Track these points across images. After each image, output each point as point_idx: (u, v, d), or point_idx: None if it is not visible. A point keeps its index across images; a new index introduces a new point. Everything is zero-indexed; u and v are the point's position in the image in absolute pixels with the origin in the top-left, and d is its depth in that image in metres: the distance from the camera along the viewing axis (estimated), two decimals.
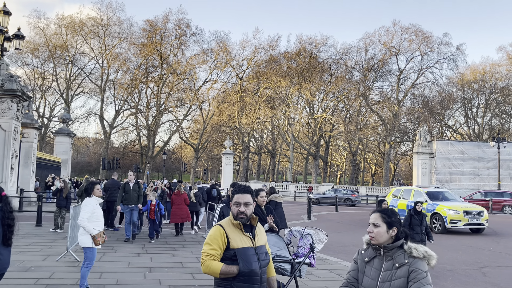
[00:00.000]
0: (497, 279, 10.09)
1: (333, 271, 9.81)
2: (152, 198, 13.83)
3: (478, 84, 72.44)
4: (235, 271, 3.58)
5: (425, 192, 20.35)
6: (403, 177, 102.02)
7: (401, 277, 3.11)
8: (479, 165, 52.05)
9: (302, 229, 6.93)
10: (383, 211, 3.35)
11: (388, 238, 3.23)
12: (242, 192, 3.74)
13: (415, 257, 3.12)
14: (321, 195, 41.63)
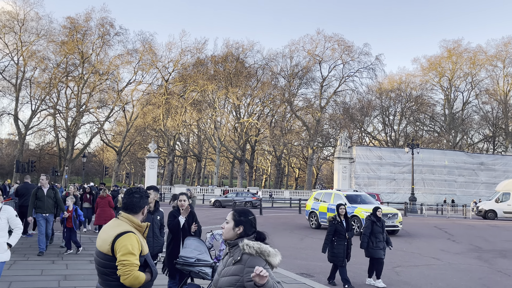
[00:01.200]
0: (408, 277, 10.65)
1: None
2: (70, 203, 12.49)
3: (395, 93, 76.52)
4: (149, 278, 3.51)
5: (345, 196, 21.10)
6: (325, 181, 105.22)
7: (233, 275, 3.06)
8: (395, 170, 54.90)
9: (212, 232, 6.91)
10: (236, 210, 3.37)
11: (233, 235, 3.24)
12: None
13: (249, 254, 3.04)
14: (223, 198, 42.12)
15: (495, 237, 20.71)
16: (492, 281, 10.58)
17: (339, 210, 9.77)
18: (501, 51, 75.47)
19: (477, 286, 10.00)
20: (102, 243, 3.53)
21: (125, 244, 3.43)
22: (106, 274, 3.51)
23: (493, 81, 78.03)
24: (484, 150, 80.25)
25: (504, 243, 18.33)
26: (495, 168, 59.30)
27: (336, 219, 9.62)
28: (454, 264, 12.84)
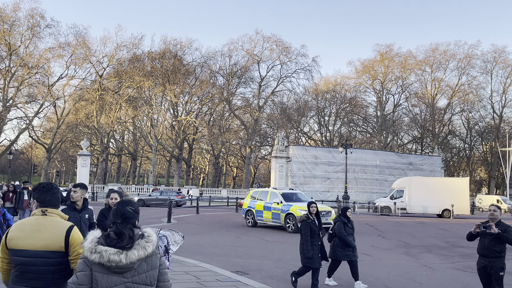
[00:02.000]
0: (340, 273, 10.89)
1: (190, 273, 9.71)
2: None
3: (330, 94, 78.56)
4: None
5: (281, 194, 21.34)
6: (262, 179, 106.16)
7: None
8: (329, 169, 56.34)
9: (157, 231, 6.73)
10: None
11: None
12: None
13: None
14: (147, 197, 41.54)
15: (421, 233, 21.74)
16: (418, 274, 11.06)
17: (311, 209, 9.05)
18: (429, 57, 79.51)
19: (404, 279, 10.40)
20: (50, 242, 3.36)
21: (79, 236, 3.44)
22: (55, 273, 3.38)
23: (421, 85, 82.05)
24: (413, 151, 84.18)
25: (430, 238, 19.27)
26: (423, 168, 62.37)
27: (309, 218, 8.89)
28: (384, 259, 13.31)
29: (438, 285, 9.96)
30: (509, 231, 6.83)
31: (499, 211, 7.08)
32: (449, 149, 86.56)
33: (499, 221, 6.99)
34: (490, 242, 6.94)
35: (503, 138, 72.29)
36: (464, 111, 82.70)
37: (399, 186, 37.93)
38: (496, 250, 6.91)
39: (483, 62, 79.32)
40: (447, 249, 15.97)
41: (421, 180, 40.15)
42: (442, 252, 15.02)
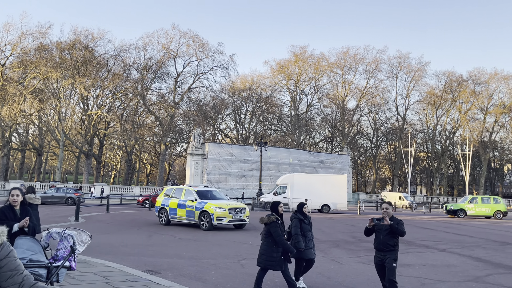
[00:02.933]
0: (253, 269, 11.00)
1: (98, 274, 9.31)
2: None
3: (247, 92, 79.37)
4: None
5: (195, 191, 21.16)
6: (177, 177, 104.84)
7: None
8: (245, 167, 56.91)
9: (63, 231, 6.38)
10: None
11: None
12: None
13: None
14: (42, 194, 39.71)
15: (330, 228, 22.62)
16: (326, 269, 11.47)
17: (279, 209, 8.45)
18: (340, 60, 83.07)
19: (313, 274, 10.72)
20: None
21: None
22: None
23: (333, 87, 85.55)
24: (324, 150, 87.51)
25: (338, 234, 20.10)
26: (333, 166, 65.03)
27: (279, 219, 8.30)
28: None
29: (345, 279, 10.38)
30: (401, 224, 7.32)
31: (391, 208, 7.51)
32: (357, 148, 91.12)
33: (392, 217, 7.41)
34: (385, 237, 7.35)
35: (406, 139, 77.30)
36: (372, 113, 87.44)
37: (283, 182, 39.22)
38: (390, 244, 7.34)
39: (389, 66, 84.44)
40: (354, 244, 16.74)
41: (303, 176, 41.71)
42: (349, 247, 15.71)
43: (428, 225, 27.23)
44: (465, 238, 19.72)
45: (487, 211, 37.71)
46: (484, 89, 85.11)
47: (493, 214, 37.43)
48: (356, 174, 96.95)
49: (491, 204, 38.22)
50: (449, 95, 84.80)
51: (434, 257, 13.88)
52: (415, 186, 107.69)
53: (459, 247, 16.43)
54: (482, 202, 38.30)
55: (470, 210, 37.69)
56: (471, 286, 9.80)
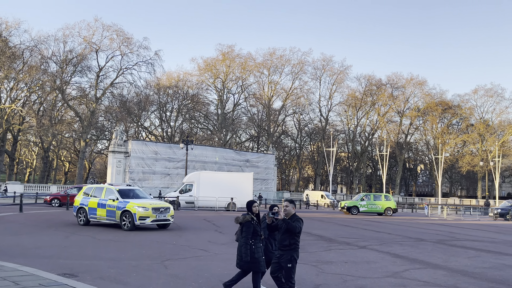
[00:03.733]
0: (177, 270, 10.72)
1: (8, 279, 8.58)
2: None
3: (173, 90, 78.05)
4: None
5: (117, 190, 20.36)
6: (98, 175, 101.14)
7: None
8: (170, 165, 55.92)
9: None
10: None
11: None
12: None
13: None
14: None
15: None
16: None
17: (253, 209, 8.07)
18: (267, 60, 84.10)
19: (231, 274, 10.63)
20: None
21: None
22: None
23: (260, 87, 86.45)
24: (250, 149, 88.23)
25: None
26: (258, 165, 65.71)
27: (253, 219, 7.94)
28: (220, 254, 13.49)
29: (269, 277, 10.36)
30: (297, 220, 7.20)
31: (291, 205, 7.42)
32: (282, 148, 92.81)
33: (293, 215, 7.32)
34: (281, 236, 7.29)
35: (328, 139, 79.74)
36: (296, 113, 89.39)
37: (189, 180, 39.00)
38: (285, 243, 7.23)
39: (313, 69, 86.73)
40: None
41: (210, 174, 41.68)
42: None
43: (348, 223, 28.17)
44: (383, 235, 20.57)
45: (379, 208, 39.12)
46: (401, 93, 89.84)
47: (383, 211, 38.90)
48: (281, 173, 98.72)
49: (382, 201, 39.66)
50: (369, 98, 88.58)
51: (355, 254, 14.30)
52: (336, 185, 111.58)
53: (378, 244, 17.07)
54: (374, 200, 39.71)
55: (362, 207, 38.96)
56: (389, 281, 10.15)
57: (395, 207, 40.01)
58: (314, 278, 10.25)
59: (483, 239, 20.37)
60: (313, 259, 12.95)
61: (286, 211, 7.31)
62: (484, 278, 10.72)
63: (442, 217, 41.85)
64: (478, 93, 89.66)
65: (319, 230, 22.14)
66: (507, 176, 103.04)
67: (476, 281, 10.43)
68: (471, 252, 15.44)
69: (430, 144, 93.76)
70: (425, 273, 11.29)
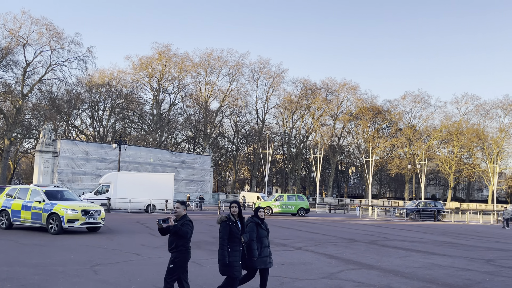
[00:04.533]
0: (107, 275, 10.18)
1: None
2: None
3: (106, 88, 75.47)
4: None
5: (43, 191, 19.21)
6: (24, 176, 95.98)
7: None
8: (101, 166, 53.95)
9: None
10: None
11: None
12: None
13: None
14: None
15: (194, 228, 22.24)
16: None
17: (231, 209, 7.59)
18: (204, 61, 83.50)
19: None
20: None
21: None
22: None
23: (196, 87, 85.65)
24: (186, 150, 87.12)
25: (199, 234, 19.80)
26: (195, 166, 64.96)
27: (230, 219, 7.46)
28: (154, 258, 13.03)
29: (205, 281, 10.10)
30: (186, 224, 7.12)
31: (182, 207, 7.28)
32: (219, 149, 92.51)
33: (183, 216, 7.21)
34: (169, 238, 7.23)
35: (264, 141, 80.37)
36: (233, 115, 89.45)
37: (106, 181, 37.80)
38: (172, 246, 7.19)
39: (251, 71, 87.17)
40: (215, 244, 16.54)
41: (128, 175, 40.43)
42: (210, 248, 15.53)
43: (283, 224, 28.37)
44: (318, 236, 20.84)
45: (292, 209, 39.32)
46: (334, 97, 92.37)
47: (297, 211, 39.17)
48: (217, 175, 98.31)
49: (296, 201, 39.92)
50: (304, 102, 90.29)
51: (292, 255, 14.32)
52: (271, 187, 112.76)
53: (313, 245, 17.24)
54: (287, 200, 39.92)
55: (276, 208, 39.08)
56: (326, 283, 10.19)
57: (308, 208, 40.20)
58: (252, 281, 10.08)
59: (412, 239, 21.17)
60: None
61: (176, 212, 7.19)
62: (416, 278, 11.04)
63: (373, 218, 43.28)
64: (406, 99, 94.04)
65: None
66: (431, 178, 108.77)
67: (408, 280, 10.70)
68: (402, 252, 15.94)
69: (361, 147, 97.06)
70: (359, 273, 11.46)
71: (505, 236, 25.83)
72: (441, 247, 18.25)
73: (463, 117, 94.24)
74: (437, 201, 62.95)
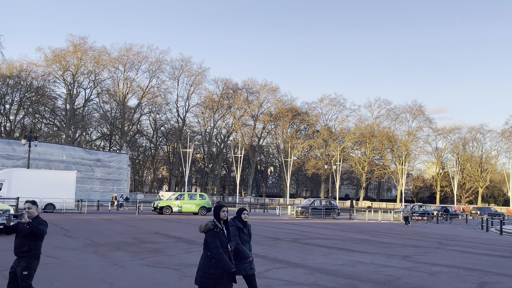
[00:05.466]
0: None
1: None
2: None
3: (14, 80, 70.60)
4: None
5: None
6: None
7: None
8: (8, 163, 50.28)
9: None
10: None
11: None
12: None
13: None
14: None
15: (109, 230, 21.26)
16: (109, 274, 10.45)
17: (221, 214, 6.56)
18: (123, 56, 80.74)
19: (94, 281, 9.62)
20: None
21: None
22: None
23: (114, 83, 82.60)
24: (102, 148, 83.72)
25: (118, 235, 18.95)
26: (111, 165, 62.49)
27: (217, 226, 6.44)
28: (71, 260, 12.18)
29: (129, 284, 9.55)
30: (42, 223, 6.55)
31: (34, 207, 6.68)
32: (137, 148, 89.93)
33: (36, 217, 6.62)
34: (20, 240, 6.54)
35: (184, 140, 79.32)
36: (153, 112, 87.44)
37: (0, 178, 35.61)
38: (24, 249, 6.50)
39: (172, 68, 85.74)
40: (136, 245, 15.93)
41: (24, 172, 37.93)
42: (131, 249, 14.85)
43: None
44: None
45: (193, 207, 38.35)
46: (255, 98, 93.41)
47: (198, 211, 38.21)
48: (134, 174, 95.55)
49: (197, 200, 38.94)
50: (225, 101, 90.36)
51: None
52: (190, 186, 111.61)
53: None
54: (189, 199, 38.87)
55: (176, 207, 37.81)
56: None
57: (210, 206, 39.19)
58: (178, 283, 9.71)
59: (332, 237, 21.73)
60: (175, 262, 12.39)
61: (29, 213, 6.49)
62: (340, 275, 11.22)
63: (292, 216, 44.10)
64: (323, 101, 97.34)
65: (177, 231, 21.55)
66: (345, 178, 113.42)
67: (334, 278, 10.85)
68: (324, 250, 16.25)
69: (280, 147, 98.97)
70: (286, 272, 11.45)
71: (414, 233, 27.35)
72: (360, 244, 18.87)
73: (376, 120, 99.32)
74: (332, 199, 64.79)
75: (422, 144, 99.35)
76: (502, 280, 11.15)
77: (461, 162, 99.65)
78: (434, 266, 13.18)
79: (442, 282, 10.66)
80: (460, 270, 12.51)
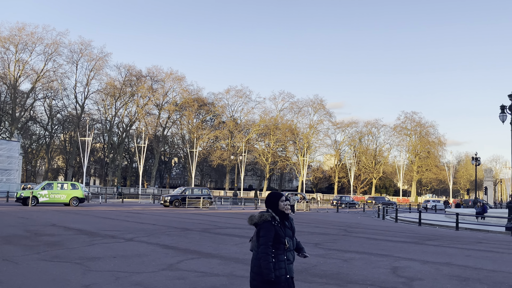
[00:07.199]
0: None
1: None
2: None
3: None
4: None
5: None
6: None
7: None
8: None
9: None
10: None
11: None
12: None
13: None
14: None
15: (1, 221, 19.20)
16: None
17: (280, 205, 4.95)
18: (15, 35, 74.29)
19: None
20: None
21: None
22: None
23: (4, 64, 75.81)
24: None
25: (9, 228, 17.13)
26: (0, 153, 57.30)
27: (275, 219, 4.89)
28: None
29: (23, 281, 8.41)
30: None
31: None
32: (29, 136, 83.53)
33: None
34: None
35: (83, 128, 75.07)
36: (48, 98, 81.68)
37: None
38: None
39: (70, 51, 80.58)
40: (30, 238, 14.41)
41: None
42: (25, 242, 13.37)
43: (109, 215, 26.53)
44: (148, 226, 19.76)
45: (63, 198, 35.93)
46: (160, 86, 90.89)
47: (69, 201, 35.92)
48: (26, 164, 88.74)
49: (68, 190, 36.51)
50: (128, 89, 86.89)
51: (123, 247, 13.08)
52: (89, 177, 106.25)
53: (145, 235, 16.16)
54: (58, 189, 36.37)
55: (43, 197, 35.18)
56: (167, 274, 9.35)
57: (83, 197, 37.17)
58: (81, 278, 8.73)
59: (242, 226, 21.49)
60: (76, 255, 11.27)
61: None
62: None
63: (198, 207, 43.43)
64: (230, 93, 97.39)
65: (77, 223, 20.00)
66: (249, 169, 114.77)
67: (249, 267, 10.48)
68: (236, 239, 15.89)
69: (185, 138, 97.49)
70: (200, 263, 10.88)
71: (319, 221, 28.09)
72: None
73: (279, 113, 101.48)
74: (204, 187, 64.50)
75: (322, 136, 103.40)
76: (411, 264, 11.52)
77: (357, 154, 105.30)
78: (346, 253, 13.36)
79: (357, 268, 10.74)
80: (371, 256, 12.77)
